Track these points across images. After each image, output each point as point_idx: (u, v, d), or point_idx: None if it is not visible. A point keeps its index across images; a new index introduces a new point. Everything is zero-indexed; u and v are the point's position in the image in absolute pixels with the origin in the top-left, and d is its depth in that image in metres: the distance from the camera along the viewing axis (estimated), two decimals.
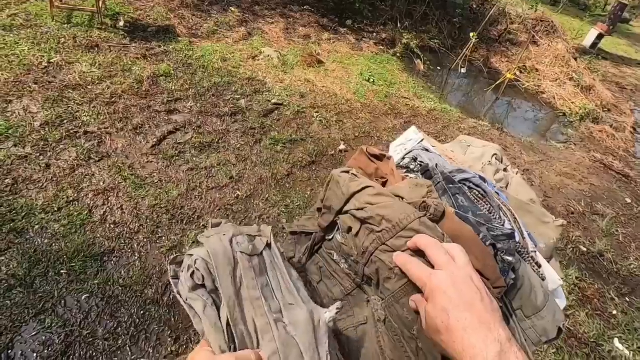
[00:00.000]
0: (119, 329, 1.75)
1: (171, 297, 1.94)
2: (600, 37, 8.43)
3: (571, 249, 3.08)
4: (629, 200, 3.94)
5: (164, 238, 2.21)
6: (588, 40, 8.51)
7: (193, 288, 0.54)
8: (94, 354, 1.64)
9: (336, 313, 0.57)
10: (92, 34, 3.79)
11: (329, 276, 0.77)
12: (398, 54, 5.84)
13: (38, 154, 2.43)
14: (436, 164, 0.89)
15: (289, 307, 0.56)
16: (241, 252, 0.57)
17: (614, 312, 2.61)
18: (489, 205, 0.81)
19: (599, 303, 2.66)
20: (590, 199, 3.77)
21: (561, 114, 5.43)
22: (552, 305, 0.77)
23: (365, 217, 0.65)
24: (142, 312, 1.83)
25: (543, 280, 0.85)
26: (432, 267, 0.53)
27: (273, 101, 3.73)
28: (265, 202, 2.64)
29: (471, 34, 5.56)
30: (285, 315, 0.55)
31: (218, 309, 0.53)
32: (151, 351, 1.71)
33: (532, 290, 0.75)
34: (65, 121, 2.74)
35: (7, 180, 2.19)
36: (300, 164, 3.08)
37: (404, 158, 1.11)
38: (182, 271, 0.57)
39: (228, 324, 0.50)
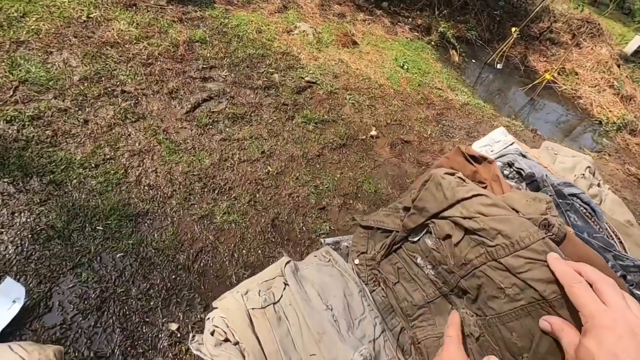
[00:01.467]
0: (151, 290, 1.77)
1: (202, 264, 1.96)
2: None
3: None
4: None
5: (196, 206, 2.21)
6: (631, 47, 8.13)
7: (216, 345, 0.56)
8: (127, 312, 1.67)
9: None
10: None
11: (408, 279, 0.72)
12: (433, 42, 5.67)
13: (77, 109, 2.42)
14: (545, 174, 0.82)
15: (309, 359, 0.55)
16: (252, 307, 0.58)
17: None
18: (598, 226, 0.75)
19: None
20: None
21: (597, 122, 5.25)
22: None
23: (475, 228, 0.59)
24: (173, 276, 1.85)
25: None
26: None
27: (306, 78, 3.66)
28: (296, 180, 2.62)
29: (512, 29, 5.35)
30: None
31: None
32: (181, 316, 1.74)
33: None
34: (103, 78, 2.72)
35: (47, 132, 2.20)
36: (331, 146, 3.04)
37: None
38: (203, 335, 0.60)
39: None
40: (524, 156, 0.95)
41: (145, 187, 2.19)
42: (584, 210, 0.79)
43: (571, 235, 0.61)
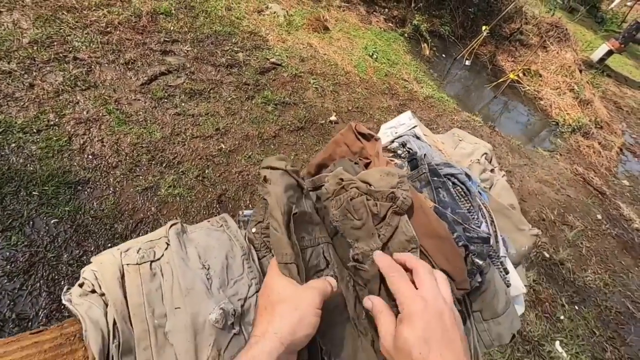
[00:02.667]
0: (84, 257, 1.79)
1: (140, 234, 1.98)
2: (609, 53, 8.40)
3: (534, 254, 3.21)
4: (599, 217, 4.08)
5: (141, 177, 2.22)
6: (597, 55, 8.48)
7: (81, 295, 0.57)
8: (56, 276, 1.68)
9: (220, 314, 0.58)
10: None
11: None
12: (406, 35, 5.74)
13: (23, 72, 2.36)
14: (424, 154, 0.89)
15: (174, 312, 0.57)
16: (127, 264, 0.60)
17: (562, 317, 2.76)
18: (470, 204, 0.81)
19: (550, 307, 2.81)
20: (563, 209, 3.90)
21: (554, 123, 5.49)
22: (511, 313, 0.79)
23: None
24: (109, 244, 1.87)
25: (508, 287, 0.85)
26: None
27: (272, 60, 3.66)
28: (248, 159, 2.65)
29: (483, 27, 5.48)
30: (168, 321, 0.56)
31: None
32: None
33: (495, 296, 0.76)
34: (55, 43, 2.65)
35: None
36: (289, 128, 3.08)
37: (393, 141, 1.10)
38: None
39: (114, 323, 0.53)
40: (418, 138, 1.03)
41: (89, 156, 2.17)
42: (459, 189, 0.86)
43: (427, 209, 0.69)
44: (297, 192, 0.67)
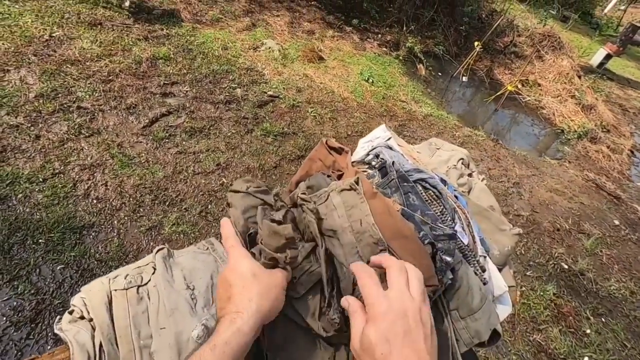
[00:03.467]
0: None
1: None
2: (608, 57, 8.42)
3: (552, 265, 3.10)
4: (617, 222, 3.95)
5: (144, 217, 2.25)
6: (595, 60, 8.50)
7: (70, 321, 0.60)
8: None
9: (202, 330, 0.60)
10: (97, 12, 3.82)
11: None
12: (401, 57, 5.86)
13: (29, 125, 2.46)
14: (393, 162, 0.91)
15: (159, 332, 0.59)
16: (115, 289, 0.63)
17: (588, 331, 2.62)
18: (442, 207, 0.83)
19: (574, 321, 2.68)
20: (578, 218, 3.79)
21: (559, 131, 5.44)
22: (487, 308, 0.78)
23: None
24: None
25: (484, 284, 0.86)
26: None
27: (269, 93, 3.76)
28: None
29: (475, 43, 5.57)
30: (153, 341, 0.59)
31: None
32: None
33: (469, 292, 0.76)
34: (60, 95, 2.77)
35: None
36: (289, 157, 3.11)
37: (368, 154, 1.14)
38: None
39: (101, 346, 0.56)
40: (390, 148, 1.04)
41: (94, 200, 2.22)
42: (432, 193, 0.87)
43: (393, 212, 0.72)
44: (264, 210, 0.68)
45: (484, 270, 0.84)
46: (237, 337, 0.49)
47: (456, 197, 0.94)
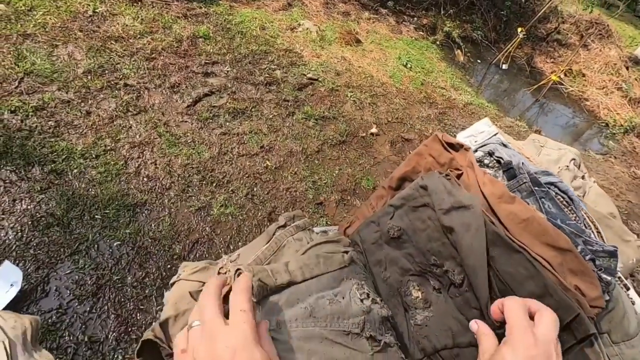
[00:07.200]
0: (147, 279, 1.80)
1: (197, 255, 1.99)
2: None
3: None
4: None
5: (193, 197, 2.24)
6: None
7: None
8: (122, 299, 1.70)
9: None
10: None
11: None
12: (438, 42, 5.65)
13: (80, 101, 2.47)
14: (522, 162, 0.82)
15: None
16: None
17: None
18: (575, 215, 0.74)
19: None
20: (625, 217, 3.62)
21: (604, 124, 5.18)
22: None
23: None
24: (169, 266, 1.88)
25: (633, 304, 0.77)
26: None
27: (308, 75, 3.68)
28: (294, 175, 2.64)
29: (518, 29, 5.31)
30: None
31: None
32: None
33: (625, 316, 0.68)
34: (106, 71, 2.77)
35: (50, 122, 2.25)
36: (331, 142, 3.05)
37: (476, 151, 1.04)
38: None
39: None
40: (505, 146, 0.96)
41: (144, 179, 2.22)
42: (561, 199, 0.79)
43: (538, 218, 0.63)
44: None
45: (627, 289, 0.75)
46: None
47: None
